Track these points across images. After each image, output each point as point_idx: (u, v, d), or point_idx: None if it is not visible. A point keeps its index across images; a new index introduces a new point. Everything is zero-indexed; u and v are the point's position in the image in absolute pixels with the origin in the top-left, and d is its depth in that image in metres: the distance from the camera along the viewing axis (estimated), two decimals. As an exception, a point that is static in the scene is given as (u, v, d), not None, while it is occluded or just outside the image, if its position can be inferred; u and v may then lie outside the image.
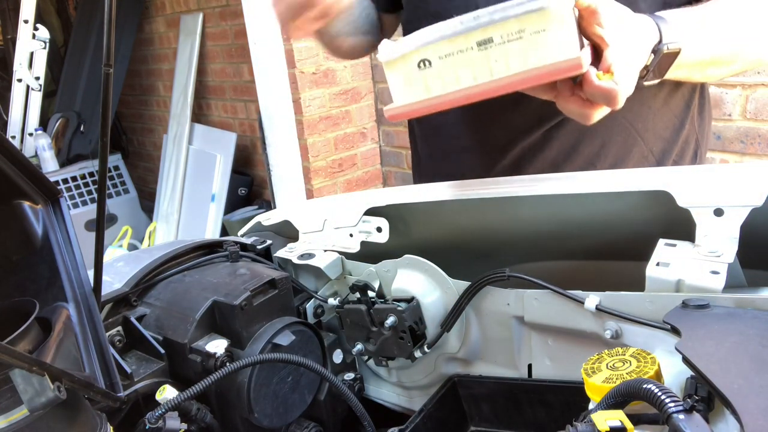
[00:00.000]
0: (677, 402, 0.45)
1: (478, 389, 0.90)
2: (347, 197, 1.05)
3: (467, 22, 0.68)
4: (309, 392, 0.91)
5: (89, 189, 4.28)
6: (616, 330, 0.70)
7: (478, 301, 0.85)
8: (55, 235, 0.69)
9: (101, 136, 0.63)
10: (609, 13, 0.70)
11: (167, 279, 0.93)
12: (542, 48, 0.67)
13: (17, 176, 0.65)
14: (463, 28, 0.68)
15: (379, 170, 3.38)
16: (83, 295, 0.68)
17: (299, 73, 2.90)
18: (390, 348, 0.90)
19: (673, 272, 0.65)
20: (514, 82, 0.70)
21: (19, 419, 0.51)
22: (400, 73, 0.74)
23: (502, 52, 0.69)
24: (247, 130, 3.86)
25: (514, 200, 0.84)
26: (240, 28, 3.31)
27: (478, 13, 0.67)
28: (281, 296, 0.89)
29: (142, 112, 4.94)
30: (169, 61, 4.27)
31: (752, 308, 0.59)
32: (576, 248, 0.91)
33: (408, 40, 0.72)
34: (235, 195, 3.74)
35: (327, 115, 3.07)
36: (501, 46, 0.68)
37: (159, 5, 4.22)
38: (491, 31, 0.68)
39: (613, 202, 0.79)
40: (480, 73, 0.71)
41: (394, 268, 0.91)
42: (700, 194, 0.68)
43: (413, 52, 0.72)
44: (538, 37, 0.66)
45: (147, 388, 0.78)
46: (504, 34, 0.67)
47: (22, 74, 4.05)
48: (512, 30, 0.67)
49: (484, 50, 0.69)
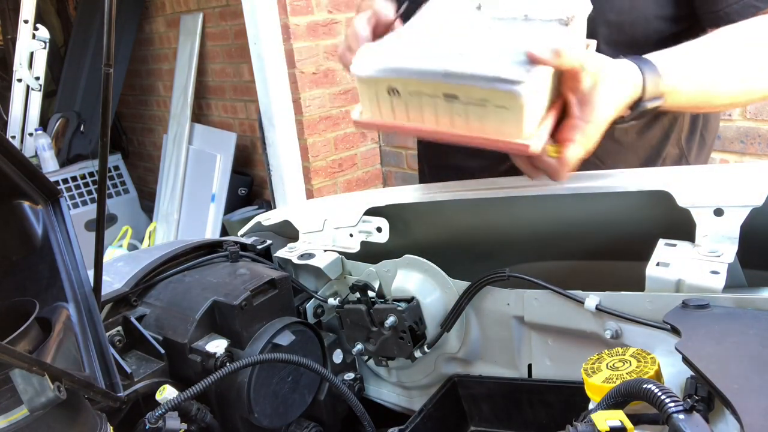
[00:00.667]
0: (677, 402, 0.45)
1: (478, 389, 0.90)
2: (347, 197, 1.05)
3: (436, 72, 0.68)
4: (309, 392, 0.91)
5: (89, 189, 4.28)
6: (616, 330, 0.70)
7: (478, 301, 0.85)
8: (55, 235, 0.69)
9: (101, 136, 0.63)
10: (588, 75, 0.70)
11: (167, 279, 0.93)
12: (499, 123, 0.68)
13: (17, 176, 0.65)
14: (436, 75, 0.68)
15: (379, 170, 3.38)
16: (83, 295, 0.68)
17: (299, 73, 2.90)
18: (390, 348, 0.90)
19: (673, 272, 0.65)
20: (471, 140, 0.71)
21: (19, 419, 0.51)
22: (371, 91, 0.74)
23: (465, 111, 0.69)
24: (247, 130, 3.86)
25: (514, 200, 0.84)
26: (240, 28, 3.31)
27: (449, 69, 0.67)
28: (281, 296, 0.89)
29: (142, 112, 4.94)
30: (169, 61, 4.27)
31: (752, 308, 0.59)
32: (576, 248, 0.91)
33: (384, 56, 0.72)
34: (235, 195, 3.74)
35: (327, 115, 3.07)
36: (464, 105, 0.69)
37: (159, 5, 4.22)
38: (458, 90, 0.68)
39: (613, 202, 0.79)
40: (442, 121, 0.71)
41: (394, 268, 0.91)
42: (700, 194, 0.68)
43: (384, 79, 0.71)
44: (498, 112, 0.67)
45: (147, 388, 0.78)
46: (469, 97, 0.68)
47: (22, 74, 4.05)
48: (477, 96, 0.67)
49: (449, 102, 0.69)
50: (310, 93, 2.98)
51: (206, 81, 4.02)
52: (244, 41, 3.06)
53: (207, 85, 4.04)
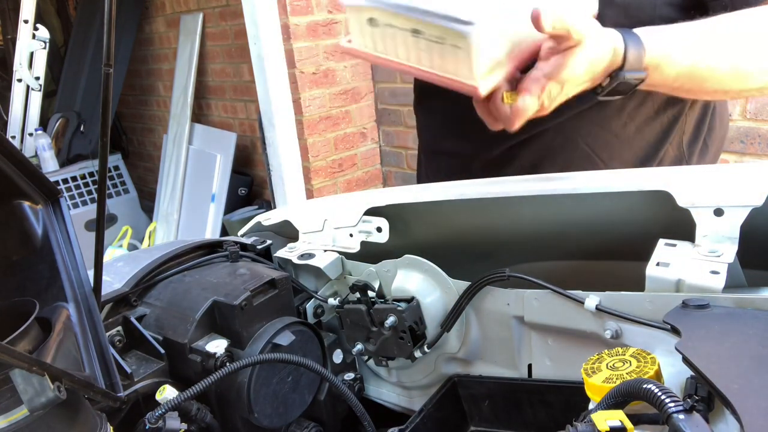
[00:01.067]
0: (677, 402, 0.45)
1: (478, 389, 0.90)
2: (347, 197, 1.05)
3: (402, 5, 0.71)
4: (309, 392, 0.91)
5: (89, 189, 4.28)
6: (616, 330, 0.70)
7: (478, 301, 0.85)
8: (55, 235, 0.69)
9: (101, 136, 0.63)
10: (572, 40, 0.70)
11: (167, 279, 0.93)
12: (455, 62, 0.71)
13: (17, 176, 0.65)
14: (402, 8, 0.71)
15: (379, 170, 3.38)
16: (83, 295, 0.68)
17: (299, 73, 2.90)
18: (390, 348, 0.90)
19: (673, 272, 0.65)
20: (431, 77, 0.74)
21: (19, 419, 0.51)
22: (356, 21, 0.78)
23: (427, 46, 0.72)
24: (247, 130, 3.86)
25: (514, 200, 0.84)
26: (240, 28, 3.31)
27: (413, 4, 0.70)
28: (281, 296, 0.89)
29: (142, 112, 4.94)
30: (169, 61, 4.27)
31: (752, 308, 0.59)
32: (576, 248, 0.91)
33: None
34: (235, 195, 3.74)
35: (327, 115, 3.07)
36: (427, 42, 0.72)
37: (159, 5, 4.22)
38: (421, 26, 0.71)
39: (613, 202, 0.79)
40: (410, 56, 0.75)
41: (394, 268, 0.91)
42: (700, 194, 0.68)
43: (366, 8, 0.75)
44: (453, 50, 0.70)
45: (147, 388, 0.78)
46: (429, 34, 0.71)
47: (22, 74, 4.05)
48: (435, 33, 0.70)
49: (415, 37, 0.73)
50: (310, 93, 2.98)
51: (206, 81, 4.02)
52: (244, 41, 3.06)
53: (207, 85, 4.04)
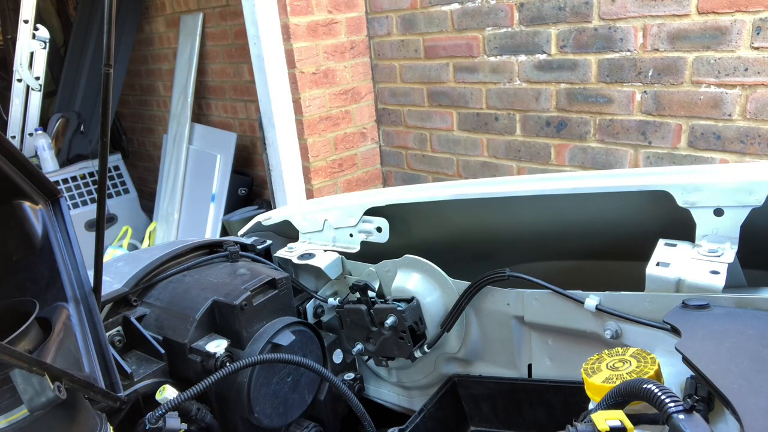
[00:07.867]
0: (677, 402, 0.45)
1: (478, 389, 0.90)
2: (347, 197, 1.05)
3: None
4: (309, 392, 0.91)
5: (89, 189, 4.28)
6: (616, 330, 0.69)
7: (478, 301, 0.85)
8: (55, 235, 0.69)
9: (101, 136, 0.63)
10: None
11: (167, 279, 0.93)
12: None
13: (17, 176, 0.65)
14: None
15: (379, 170, 3.38)
16: (83, 295, 0.68)
17: (299, 73, 2.90)
18: (390, 348, 0.90)
19: (673, 272, 0.65)
20: None
21: (19, 419, 0.51)
22: None
23: None
24: (247, 130, 3.86)
25: (514, 200, 0.84)
26: (240, 28, 3.31)
27: None
28: (281, 296, 0.89)
29: (142, 112, 4.93)
30: (169, 61, 4.27)
31: (752, 308, 0.59)
32: (576, 248, 0.91)
33: None
34: (235, 195, 3.74)
35: (327, 115, 3.07)
36: None
37: (159, 5, 4.22)
38: None
39: (613, 202, 0.79)
40: None
41: (394, 268, 0.91)
42: (700, 194, 0.68)
43: None
44: None
45: (147, 388, 0.78)
46: None
47: (22, 74, 4.04)
48: None
49: None
50: (310, 93, 2.98)
51: (206, 81, 4.02)
52: (244, 41, 3.06)
53: (207, 85, 4.04)
